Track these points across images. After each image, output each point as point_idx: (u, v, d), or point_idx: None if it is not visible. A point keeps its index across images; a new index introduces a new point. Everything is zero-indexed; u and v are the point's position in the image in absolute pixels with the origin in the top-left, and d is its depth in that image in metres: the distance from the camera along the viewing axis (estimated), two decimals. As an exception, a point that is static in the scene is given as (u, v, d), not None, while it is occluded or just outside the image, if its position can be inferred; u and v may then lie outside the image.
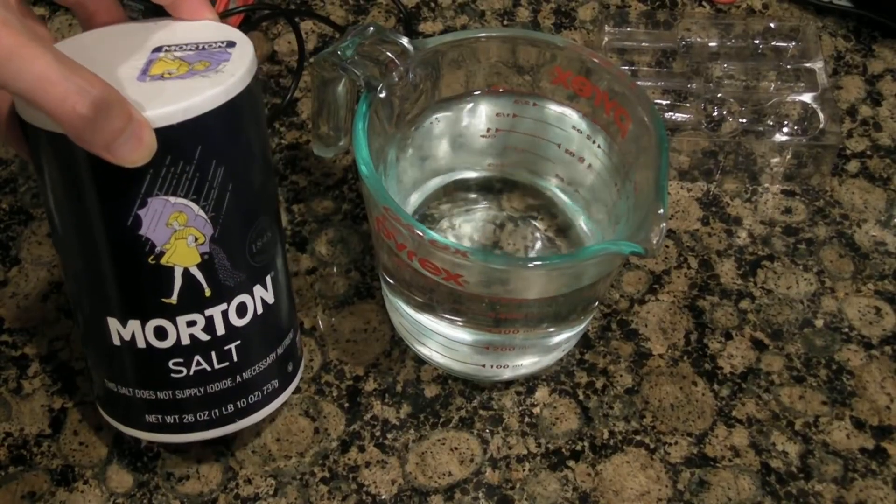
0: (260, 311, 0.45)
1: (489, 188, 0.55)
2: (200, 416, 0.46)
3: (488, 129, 0.53)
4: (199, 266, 0.43)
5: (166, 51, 0.43)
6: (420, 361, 0.52)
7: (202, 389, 0.45)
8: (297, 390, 0.51)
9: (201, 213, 0.41)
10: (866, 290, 0.56)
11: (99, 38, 0.44)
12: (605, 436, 0.50)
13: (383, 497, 0.48)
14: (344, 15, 0.67)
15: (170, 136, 0.39)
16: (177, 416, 0.46)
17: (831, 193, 0.60)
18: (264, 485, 0.48)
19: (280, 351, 0.47)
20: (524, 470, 0.49)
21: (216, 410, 0.46)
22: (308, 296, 0.54)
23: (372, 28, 0.49)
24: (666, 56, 0.63)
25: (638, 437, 0.50)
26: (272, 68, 0.64)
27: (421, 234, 0.43)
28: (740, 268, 0.57)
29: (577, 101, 0.51)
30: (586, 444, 0.50)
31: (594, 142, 0.51)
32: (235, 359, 0.45)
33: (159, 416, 0.46)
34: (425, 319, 0.50)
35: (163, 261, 0.42)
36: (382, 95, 0.48)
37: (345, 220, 0.57)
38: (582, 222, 0.53)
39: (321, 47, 0.66)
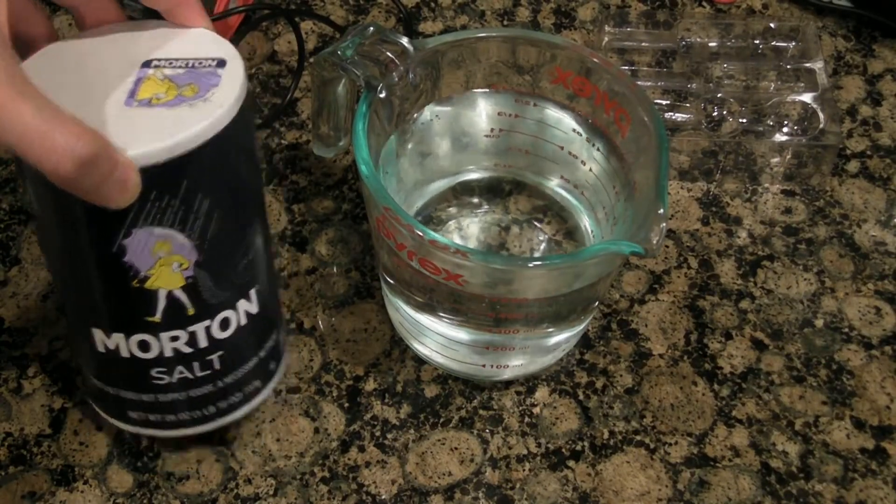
0: (244, 322, 0.46)
1: (497, 190, 0.55)
2: (182, 416, 0.47)
3: (492, 129, 0.53)
4: (183, 288, 0.43)
5: (156, 66, 0.42)
6: (420, 361, 0.52)
7: (185, 394, 0.46)
8: (297, 390, 0.51)
9: (186, 241, 0.42)
10: (866, 290, 0.56)
11: (90, 46, 0.43)
12: (605, 436, 0.50)
13: (383, 497, 0.48)
14: (344, 15, 0.67)
15: (155, 174, 0.39)
16: (160, 416, 0.47)
17: (831, 193, 0.60)
18: (264, 485, 0.48)
19: (263, 354, 0.47)
20: (524, 470, 0.49)
21: (198, 411, 0.47)
22: (308, 296, 0.55)
23: (372, 28, 0.49)
24: (666, 56, 0.63)
25: (638, 437, 0.50)
26: (272, 68, 0.64)
27: (421, 234, 0.43)
28: (740, 268, 0.57)
29: (577, 101, 0.51)
30: (586, 444, 0.50)
31: (593, 144, 0.51)
32: (218, 367, 0.46)
33: (142, 414, 0.47)
34: (425, 319, 0.50)
35: (147, 284, 0.42)
36: (382, 95, 0.48)
37: (345, 220, 0.57)
38: (585, 223, 0.53)
39: (321, 47, 0.66)
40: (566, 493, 0.49)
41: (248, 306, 0.45)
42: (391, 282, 0.50)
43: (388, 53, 0.48)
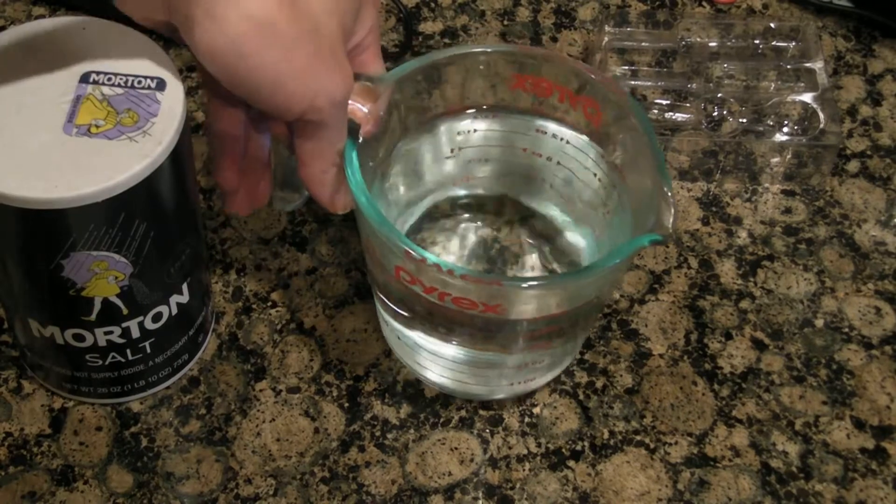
0: (175, 312, 0.47)
1: (474, 206, 0.54)
2: (113, 389, 0.49)
3: (452, 150, 0.52)
4: (118, 295, 0.44)
5: (94, 81, 0.42)
6: (420, 361, 0.52)
7: (116, 373, 0.48)
8: (297, 390, 0.51)
9: (122, 259, 0.43)
10: (866, 290, 0.56)
11: (32, 44, 0.44)
12: (605, 436, 0.50)
13: (383, 497, 0.48)
14: (344, 15, 0.67)
15: (94, 209, 0.40)
16: (91, 388, 0.49)
17: (831, 193, 0.60)
18: (264, 485, 0.48)
19: (191, 332, 0.50)
20: (524, 470, 0.49)
21: (128, 385, 0.49)
22: (308, 296, 0.54)
23: None
24: (666, 56, 0.63)
25: (638, 437, 0.50)
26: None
27: (451, 271, 0.42)
28: (740, 268, 0.57)
29: (539, 102, 0.50)
30: (586, 444, 0.50)
31: (561, 139, 0.50)
32: (149, 351, 0.48)
33: (75, 386, 0.49)
34: (451, 351, 0.48)
35: (83, 293, 0.44)
36: (361, 140, 0.46)
37: (345, 220, 0.57)
38: (566, 222, 0.53)
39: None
40: (566, 493, 0.49)
41: (179, 298, 0.47)
42: (405, 314, 0.48)
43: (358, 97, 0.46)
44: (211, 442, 0.50)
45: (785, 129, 0.59)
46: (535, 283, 0.46)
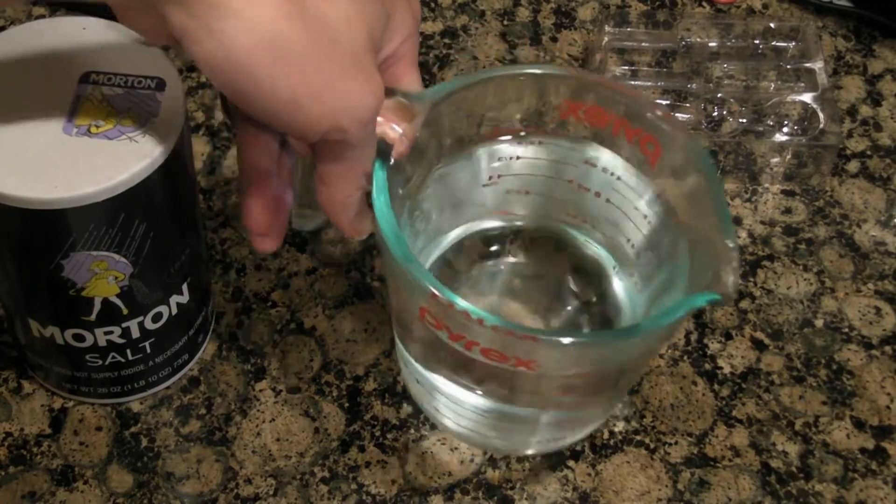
0: (175, 312, 0.47)
1: (509, 240, 0.51)
2: (113, 389, 0.49)
3: (490, 178, 0.48)
4: (118, 295, 0.45)
5: (94, 82, 0.42)
6: (420, 361, 0.52)
7: (116, 373, 0.48)
8: (297, 390, 0.51)
9: (122, 259, 0.43)
10: (866, 290, 0.56)
11: (32, 44, 0.44)
12: (605, 436, 0.50)
13: (383, 497, 0.48)
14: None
15: (94, 209, 0.40)
16: (91, 388, 0.49)
17: (831, 193, 0.60)
18: (264, 485, 0.48)
19: (191, 333, 0.50)
20: (524, 470, 0.49)
21: (128, 385, 0.49)
22: (308, 296, 0.54)
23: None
24: (666, 56, 0.63)
25: (638, 437, 0.50)
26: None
27: (480, 320, 0.38)
28: (740, 268, 0.56)
29: (593, 131, 0.46)
30: (586, 444, 0.50)
31: (612, 174, 0.46)
32: (149, 351, 0.48)
33: (75, 386, 0.49)
34: (475, 401, 0.46)
35: (83, 293, 0.44)
36: (392, 163, 0.42)
37: (345, 220, 0.57)
38: (604, 259, 0.49)
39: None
40: (566, 494, 0.49)
41: (179, 298, 0.47)
42: (426, 356, 0.46)
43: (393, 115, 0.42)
44: (211, 442, 0.50)
45: (785, 129, 0.59)
46: (574, 339, 0.40)
